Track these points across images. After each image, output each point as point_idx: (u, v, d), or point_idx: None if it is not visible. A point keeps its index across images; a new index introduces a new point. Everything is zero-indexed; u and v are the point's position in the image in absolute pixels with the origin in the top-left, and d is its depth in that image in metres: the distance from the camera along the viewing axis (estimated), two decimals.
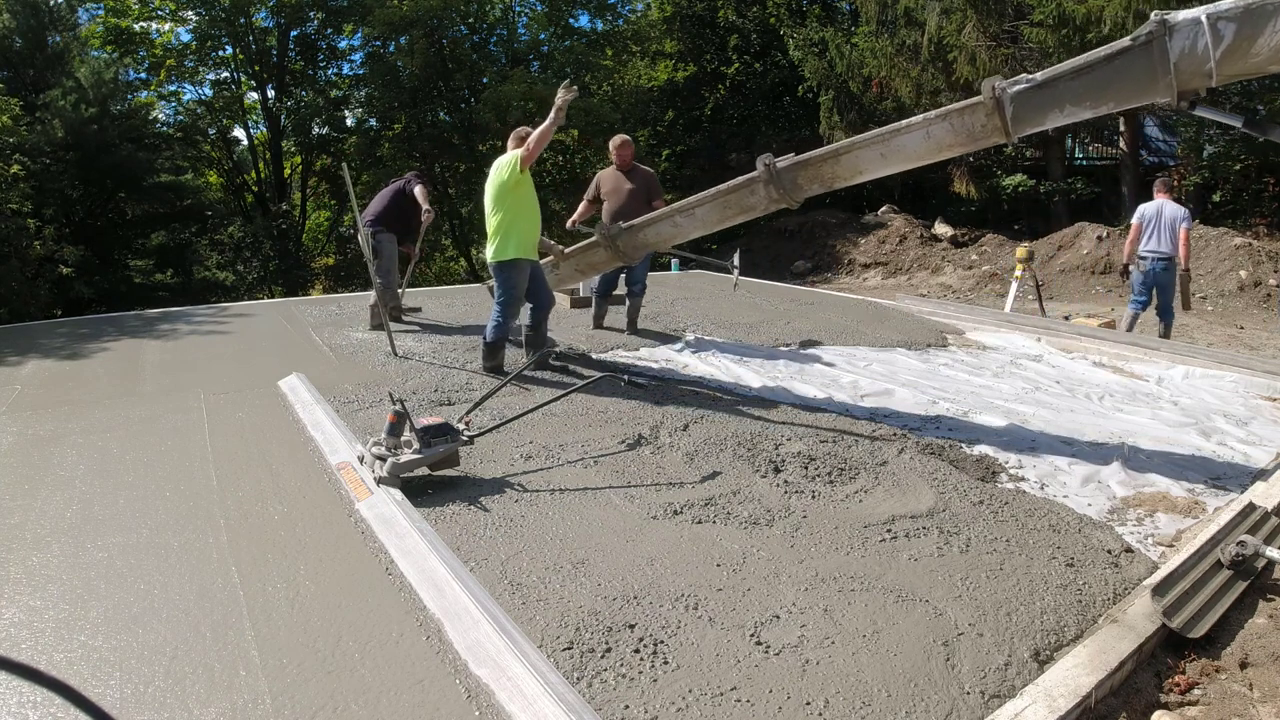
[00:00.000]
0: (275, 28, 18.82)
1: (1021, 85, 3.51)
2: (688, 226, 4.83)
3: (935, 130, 3.79)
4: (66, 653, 2.18)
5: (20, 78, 15.87)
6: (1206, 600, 2.53)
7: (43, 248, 13.41)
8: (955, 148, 3.92)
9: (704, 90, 20.87)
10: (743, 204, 4.52)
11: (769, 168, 4.23)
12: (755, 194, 4.41)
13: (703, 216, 4.71)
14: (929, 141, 3.84)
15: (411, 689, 2.03)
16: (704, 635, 2.26)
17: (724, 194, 4.52)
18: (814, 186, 4.31)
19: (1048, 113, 3.56)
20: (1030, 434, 4.23)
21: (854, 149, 4.03)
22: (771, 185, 4.29)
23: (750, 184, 4.39)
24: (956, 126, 3.74)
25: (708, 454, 3.70)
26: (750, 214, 4.67)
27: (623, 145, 6.28)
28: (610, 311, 6.85)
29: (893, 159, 3.99)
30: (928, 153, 3.94)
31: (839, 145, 4.10)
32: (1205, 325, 9.24)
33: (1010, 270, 10.20)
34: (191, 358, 5.72)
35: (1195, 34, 3.08)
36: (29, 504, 3.15)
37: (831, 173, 4.18)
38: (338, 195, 20.67)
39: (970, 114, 3.66)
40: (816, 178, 4.23)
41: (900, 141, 3.88)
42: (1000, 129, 3.62)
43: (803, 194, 4.34)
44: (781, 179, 4.24)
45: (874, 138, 3.95)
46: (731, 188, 4.48)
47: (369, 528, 2.87)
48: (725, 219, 4.72)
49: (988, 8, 13.00)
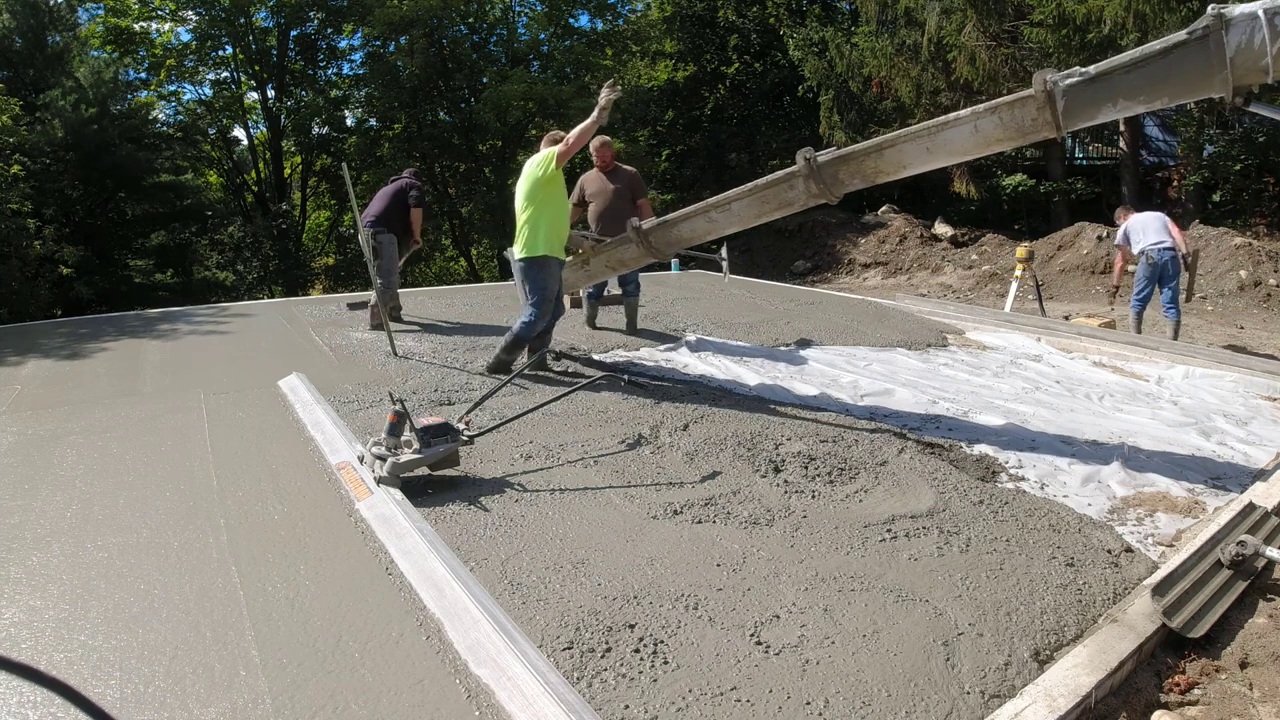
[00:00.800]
0: (275, 28, 18.83)
1: (1074, 79, 3.44)
2: (723, 222, 4.72)
3: (983, 124, 3.71)
4: (66, 653, 2.18)
5: (20, 78, 15.87)
6: (1206, 600, 2.53)
7: (43, 248, 13.42)
8: (1004, 142, 3.84)
9: (704, 90, 20.88)
10: (781, 199, 4.42)
11: (809, 162, 4.13)
12: (794, 189, 4.31)
13: (739, 212, 4.60)
14: (976, 136, 3.76)
15: (411, 689, 2.03)
16: (704, 635, 2.26)
17: (761, 189, 4.43)
18: (855, 181, 4.21)
19: (1100, 107, 3.49)
20: (1030, 434, 4.23)
21: (898, 143, 3.94)
22: (811, 180, 4.20)
23: (789, 178, 4.29)
24: (1006, 120, 3.65)
25: (708, 454, 3.70)
26: (788, 209, 4.55)
27: (603, 147, 6.28)
28: (610, 311, 6.85)
29: (938, 153, 3.91)
30: (975, 147, 3.87)
31: (882, 139, 4.01)
32: (1205, 325, 9.24)
33: (1010, 270, 10.20)
34: (191, 358, 5.72)
35: (1252, 29, 3.01)
36: (29, 504, 3.15)
37: (874, 167, 4.08)
38: (338, 195, 20.68)
39: (1020, 107, 3.58)
40: (858, 173, 4.13)
41: (946, 136, 3.80)
42: (1051, 123, 3.55)
43: (843, 189, 4.25)
44: (822, 173, 4.15)
45: (919, 131, 3.86)
46: (770, 182, 4.39)
47: (369, 528, 2.87)
48: (762, 214, 4.60)
49: (988, 8, 13.00)
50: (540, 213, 4.70)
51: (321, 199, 22.30)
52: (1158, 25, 10.59)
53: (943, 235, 15.72)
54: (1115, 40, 11.09)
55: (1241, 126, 13.58)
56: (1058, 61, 11.93)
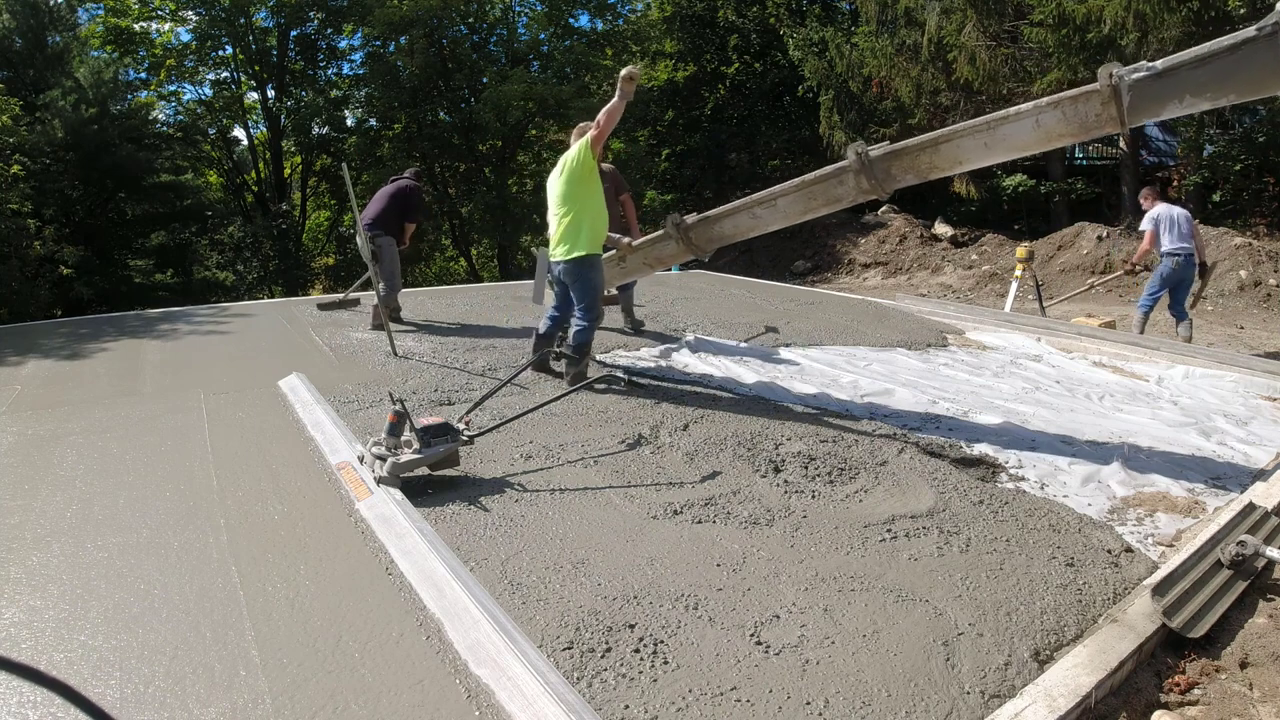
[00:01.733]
0: (275, 28, 18.83)
1: (1141, 73, 3.40)
2: (768, 218, 4.64)
3: (1045, 119, 3.65)
4: (66, 653, 2.18)
5: (20, 78, 15.88)
6: (1206, 600, 2.53)
7: (43, 248, 13.43)
8: (1066, 137, 3.79)
9: (704, 90, 20.88)
10: (829, 194, 4.34)
11: (861, 156, 4.06)
12: (844, 184, 4.24)
13: (784, 208, 4.51)
14: (1038, 130, 3.70)
15: (411, 689, 2.03)
16: (704, 635, 2.26)
17: (809, 184, 4.35)
18: (908, 177, 4.12)
19: (1166, 103, 3.46)
20: (1030, 434, 4.23)
21: (955, 138, 3.87)
22: (862, 175, 4.11)
23: (839, 174, 4.21)
24: (1069, 115, 3.60)
25: (708, 454, 3.70)
26: (837, 205, 4.48)
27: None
28: (610, 311, 6.85)
29: (997, 148, 3.85)
30: (1036, 142, 3.81)
31: (939, 134, 3.94)
32: (1205, 325, 9.23)
33: (1010, 270, 10.20)
34: (191, 358, 5.72)
35: None
36: (29, 504, 3.15)
37: (929, 163, 4.01)
38: (338, 195, 20.69)
39: (1084, 102, 3.53)
40: (911, 168, 4.06)
41: (1006, 130, 3.74)
42: (1115, 119, 3.51)
43: (895, 184, 4.18)
44: (874, 169, 4.06)
45: (977, 126, 3.81)
46: (818, 177, 4.31)
47: (369, 528, 2.87)
48: (809, 210, 4.51)
49: (988, 8, 13.00)
50: (582, 210, 4.54)
51: (321, 199, 22.31)
52: (1158, 25, 10.59)
53: (943, 235, 15.72)
54: (1115, 40, 11.09)
55: (1241, 126, 13.59)
56: (1058, 61, 11.93)
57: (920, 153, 3.98)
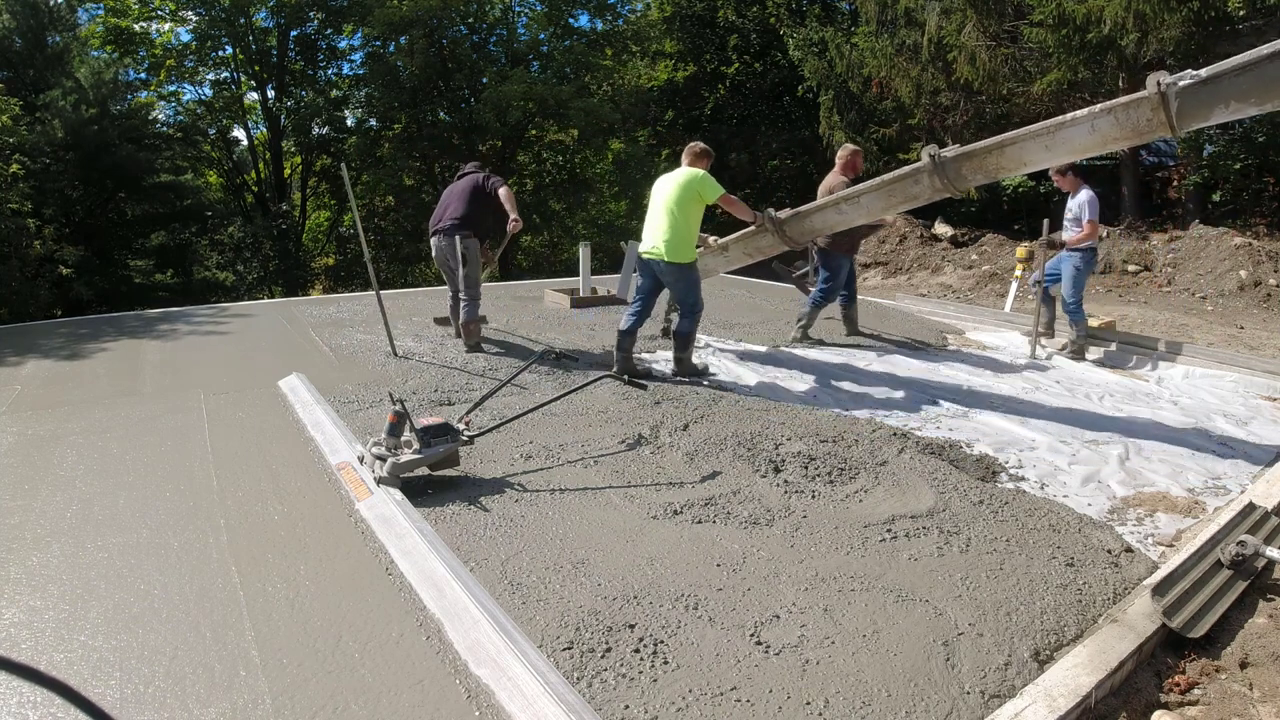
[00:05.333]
0: (275, 28, 18.82)
1: (1187, 80, 3.55)
2: (852, 214, 5.03)
3: (1100, 124, 3.86)
4: (66, 653, 2.18)
5: (20, 78, 15.88)
6: (1206, 600, 2.53)
7: (42, 248, 13.42)
8: (1121, 141, 4.00)
9: (704, 90, 20.86)
10: (907, 193, 4.69)
11: (934, 158, 4.38)
12: (920, 183, 4.57)
13: (867, 204, 4.88)
14: (1094, 135, 3.91)
15: (411, 689, 2.02)
16: (704, 635, 2.26)
17: (889, 183, 4.70)
18: (978, 177, 4.42)
19: (1213, 108, 3.60)
20: (1030, 434, 4.23)
21: (1018, 141, 4.13)
22: (936, 175, 4.43)
23: (915, 174, 4.54)
24: (1121, 120, 3.80)
25: (708, 454, 3.70)
26: (914, 203, 4.83)
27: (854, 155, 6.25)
28: (609, 311, 6.85)
29: (1057, 150, 4.09)
30: (1093, 145, 4.03)
31: (1004, 137, 4.20)
32: (1205, 325, 9.23)
33: (1010, 270, 10.19)
34: (191, 358, 5.72)
35: None
36: (29, 504, 3.15)
37: (996, 164, 4.30)
38: (338, 195, 20.68)
39: (1135, 109, 3.73)
40: (980, 168, 4.34)
41: (1065, 134, 3.97)
42: (1165, 124, 3.67)
43: (966, 184, 4.49)
44: (945, 169, 4.38)
45: (1039, 130, 4.05)
46: (896, 177, 4.66)
47: (369, 528, 2.87)
48: (889, 206, 4.88)
49: (988, 8, 12.98)
50: (689, 224, 4.96)
51: (321, 199, 22.30)
52: (1158, 25, 10.58)
53: (943, 235, 15.71)
54: (1115, 40, 11.08)
55: (1241, 126, 13.57)
56: (1058, 61, 11.92)
57: (988, 154, 4.27)
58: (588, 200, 20.44)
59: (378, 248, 20.62)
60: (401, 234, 20.82)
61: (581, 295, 7.92)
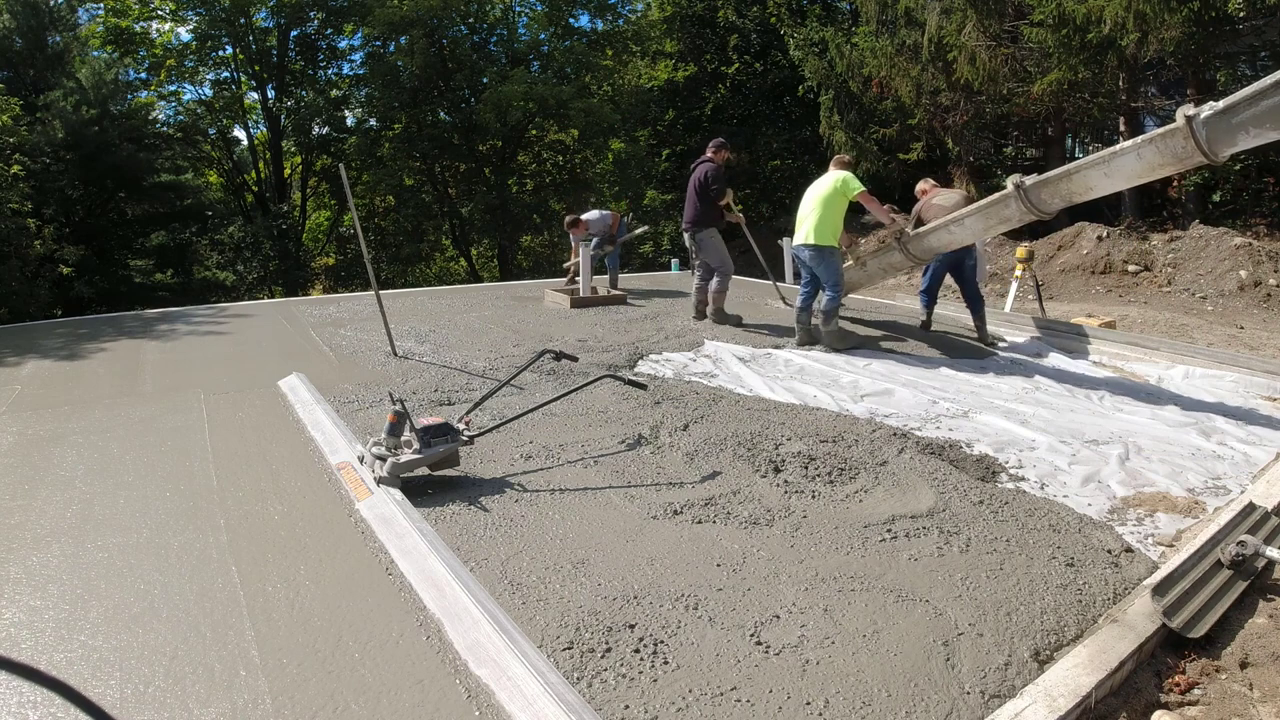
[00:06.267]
0: (275, 28, 18.85)
1: (1207, 111, 3.79)
2: (960, 234, 5.71)
3: (1145, 153, 4.17)
4: (66, 653, 2.18)
5: (20, 78, 15.89)
6: (1206, 600, 2.53)
7: (43, 247, 13.43)
8: (1167, 167, 4.29)
9: (704, 90, 20.87)
10: (1000, 215, 5.27)
11: (1018, 187, 4.94)
12: (1009, 207, 5.13)
13: (970, 225, 5.56)
14: (1141, 162, 4.22)
15: (411, 689, 2.02)
16: (704, 635, 2.26)
17: (984, 208, 5.36)
18: (1056, 201, 4.91)
19: (1236, 134, 3.80)
20: (1030, 434, 4.23)
21: (1082, 169, 4.60)
22: (1020, 201, 4.97)
23: (1004, 199, 5.12)
24: (1162, 150, 4.10)
25: (708, 454, 3.70)
26: (1008, 225, 5.41)
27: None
28: (610, 311, 6.85)
29: (1115, 177, 4.46)
30: (1144, 172, 4.33)
31: (1070, 167, 4.73)
32: (1205, 325, 9.23)
33: (1010, 270, 10.18)
34: (191, 358, 5.72)
35: None
36: (29, 504, 3.15)
37: (1068, 189, 4.75)
38: (338, 195, 20.69)
39: (1171, 138, 4.01)
40: (1057, 193, 4.81)
41: (1119, 163, 4.33)
42: (1199, 151, 3.88)
43: (1049, 207, 4.98)
44: (1028, 196, 4.93)
45: (1097, 160, 4.48)
46: (990, 203, 5.30)
47: (369, 528, 2.87)
48: (989, 228, 5.48)
49: (988, 8, 12.98)
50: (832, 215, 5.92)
51: (321, 199, 22.32)
52: (1158, 25, 10.58)
53: None
54: (1115, 40, 11.08)
55: None
56: (1058, 62, 11.91)
57: (1060, 182, 4.78)
58: (588, 200, 20.48)
59: (378, 248, 20.63)
60: (401, 234, 20.84)
61: (581, 295, 7.92)
